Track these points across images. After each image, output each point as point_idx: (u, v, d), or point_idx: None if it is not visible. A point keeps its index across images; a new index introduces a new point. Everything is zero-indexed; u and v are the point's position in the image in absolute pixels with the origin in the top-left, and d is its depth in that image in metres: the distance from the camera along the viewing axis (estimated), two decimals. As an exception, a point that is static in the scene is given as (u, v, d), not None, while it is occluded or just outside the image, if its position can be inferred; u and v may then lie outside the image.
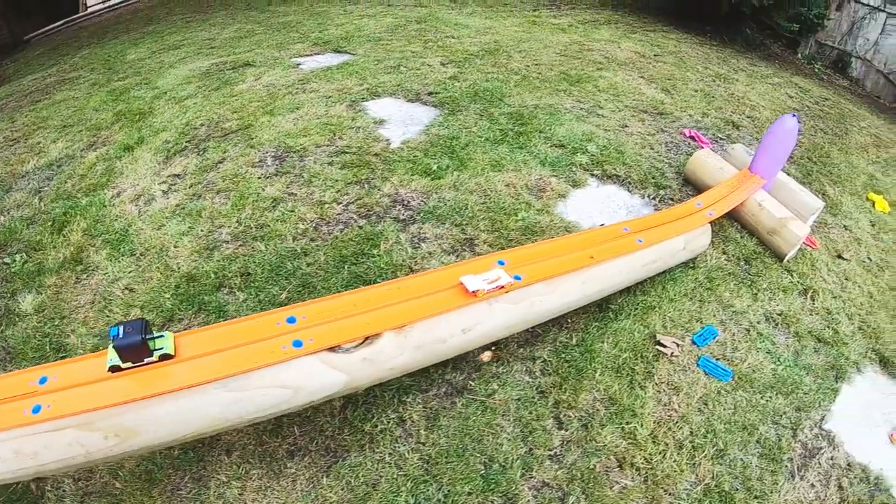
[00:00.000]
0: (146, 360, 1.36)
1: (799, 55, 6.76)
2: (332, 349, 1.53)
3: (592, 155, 3.14)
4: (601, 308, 2.26)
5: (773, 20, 5.89)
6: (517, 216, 2.67)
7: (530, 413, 1.90)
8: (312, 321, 1.60)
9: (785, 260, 2.78)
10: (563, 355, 2.09)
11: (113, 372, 1.34)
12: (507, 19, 5.63)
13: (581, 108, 3.63)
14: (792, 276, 2.74)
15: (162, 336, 1.40)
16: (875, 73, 6.66)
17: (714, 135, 3.69)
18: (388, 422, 1.86)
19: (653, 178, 3.05)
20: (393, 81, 3.93)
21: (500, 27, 5.28)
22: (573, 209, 2.79)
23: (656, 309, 2.30)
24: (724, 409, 2.04)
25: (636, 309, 2.28)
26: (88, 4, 8.88)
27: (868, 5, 6.56)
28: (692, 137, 3.53)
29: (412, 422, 1.87)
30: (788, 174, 3.62)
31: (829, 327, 2.57)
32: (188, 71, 4.57)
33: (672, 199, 2.92)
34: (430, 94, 3.77)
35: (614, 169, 3.07)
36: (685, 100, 4.05)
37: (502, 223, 2.63)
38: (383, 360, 1.58)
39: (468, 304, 1.69)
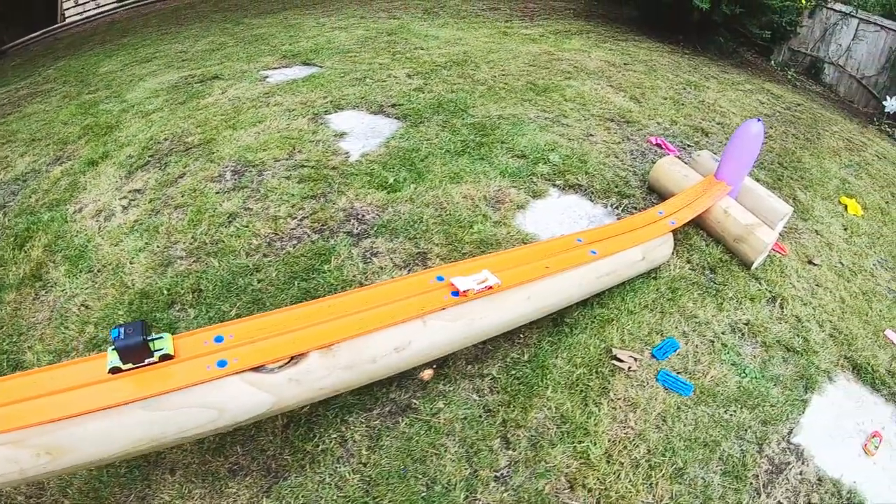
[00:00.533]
0: (147, 361, 1.37)
1: (772, 62, 6.80)
2: (256, 369, 1.45)
3: (554, 165, 3.08)
4: (555, 322, 2.18)
5: (745, 28, 5.92)
6: (473, 229, 2.60)
7: (476, 432, 1.81)
8: (240, 340, 1.52)
9: (752, 267, 2.72)
10: (513, 372, 2.00)
11: (113, 374, 1.34)
12: (478, 30, 5.63)
13: (546, 118, 3.59)
14: (760, 283, 2.68)
15: (161, 337, 1.41)
16: (848, 78, 6.70)
17: (682, 142, 3.65)
18: (330, 441, 1.78)
19: (616, 187, 2.99)
20: (357, 94, 3.90)
21: (471, 38, 5.27)
22: (532, 220, 2.72)
23: (614, 322, 2.22)
24: (685, 426, 1.95)
25: (593, 322, 2.20)
26: (66, 15, 8.85)
27: (840, 12, 6.63)
28: (658, 145, 3.49)
29: (354, 442, 1.78)
30: (757, 180, 3.59)
31: (798, 336, 2.50)
32: (157, 84, 4.54)
33: (635, 208, 2.86)
34: (393, 105, 3.73)
35: (576, 178, 3.01)
36: (654, 108, 4.02)
37: (457, 236, 2.55)
38: (311, 380, 1.49)
39: (401, 322, 1.61)
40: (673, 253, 2.55)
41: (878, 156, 4.80)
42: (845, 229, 3.56)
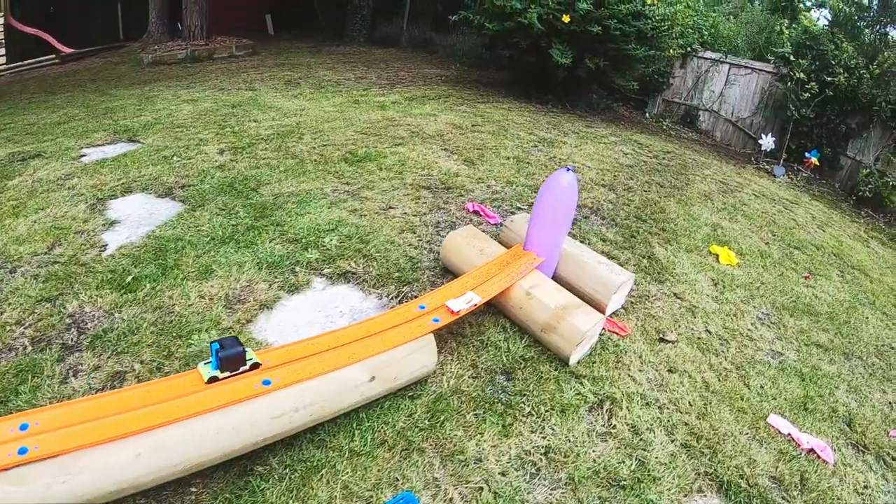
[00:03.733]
0: (241, 369, 1.50)
1: (647, 114, 6.68)
2: None
3: (327, 249, 2.43)
4: (243, 471, 1.42)
5: (612, 82, 5.75)
6: (191, 339, 1.96)
7: None
8: None
9: (571, 363, 2.04)
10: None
11: (211, 383, 1.44)
12: (329, 99, 5.20)
13: (344, 192, 3.00)
14: (581, 384, 1.99)
15: (247, 350, 1.54)
16: (724, 122, 6.60)
17: (512, 205, 3.09)
18: None
19: (398, 271, 2.33)
20: (154, 174, 3.37)
21: (316, 108, 4.81)
22: (277, 323, 2.05)
23: (326, 470, 1.45)
24: None
25: (294, 472, 1.43)
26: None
27: (710, 59, 6.66)
28: (476, 212, 2.91)
29: None
30: (603, 241, 3.04)
31: (630, 457, 1.78)
32: (-17, 162, 3.88)
33: (417, 297, 2.19)
34: (183, 187, 3.18)
35: (351, 264, 2.35)
36: (490, 169, 3.52)
37: (169, 350, 1.92)
38: None
39: None
40: (442, 360, 1.85)
41: (755, 194, 4.44)
42: (715, 284, 3.01)
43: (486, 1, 5.51)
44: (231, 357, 1.47)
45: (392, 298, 2.19)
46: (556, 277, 2.36)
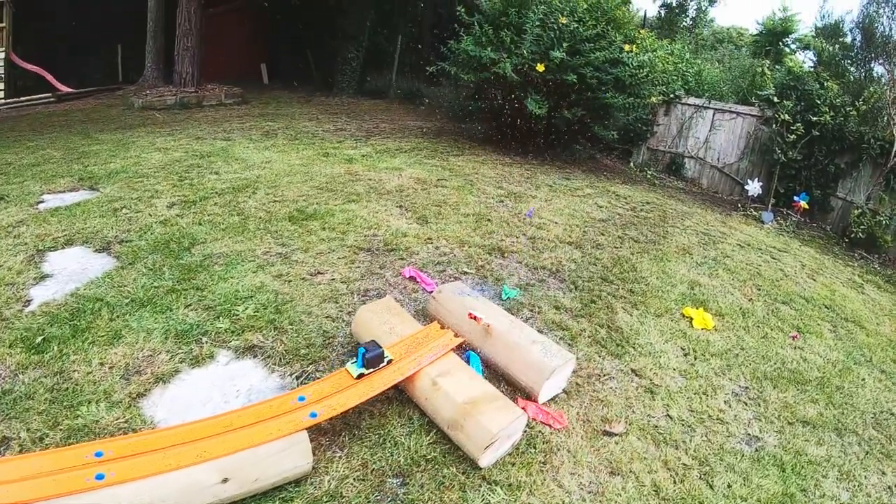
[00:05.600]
0: (380, 366, 1.85)
1: (631, 164, 6.50)
2: None
3: (238, 318, 2.26)
4: None
5: (591, 131, 5.62)
6: (78, 411, 1.84)
7: None
8: None
9: (483, 465, 1.75)
10: None
11: (359, 379, 1.80)
12: (300, 151, 5.12)
13: (276, 254, 2.83)
14: (493, 492, 1.69)
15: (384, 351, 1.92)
16: (710, 168, 6.38)
17: (458, 269, 2.86)
18: None
19: (307, 347, 2.11)
20: (98, 227, 3.28)
21: (282, 161, 4.73)
22: (171, 399, 1.91)
23: None
24: None
25: None
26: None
27: (694, 105, 6.52)
28: (413, 278, 2.69)
29: None
30: (557, 308, 2.77)
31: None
32: (-57, 206, 3.83)
33: (306, 385, 1.96)
34: (122, 242, 3.10)
35: (259, 337, 2.16)
36: (443, 227, 3.32)
37: (56, 420, 1.82)
38: None
39: None
40: (329, 456, 1.59)
41: (740, 245, 4.15)
42: (686, 354, 2.69)
43: (462, 52, 5.50)
44: (375, 357, 1.81)
45: (295, 378, 1.97)
46: (485, 361, 2.10)
